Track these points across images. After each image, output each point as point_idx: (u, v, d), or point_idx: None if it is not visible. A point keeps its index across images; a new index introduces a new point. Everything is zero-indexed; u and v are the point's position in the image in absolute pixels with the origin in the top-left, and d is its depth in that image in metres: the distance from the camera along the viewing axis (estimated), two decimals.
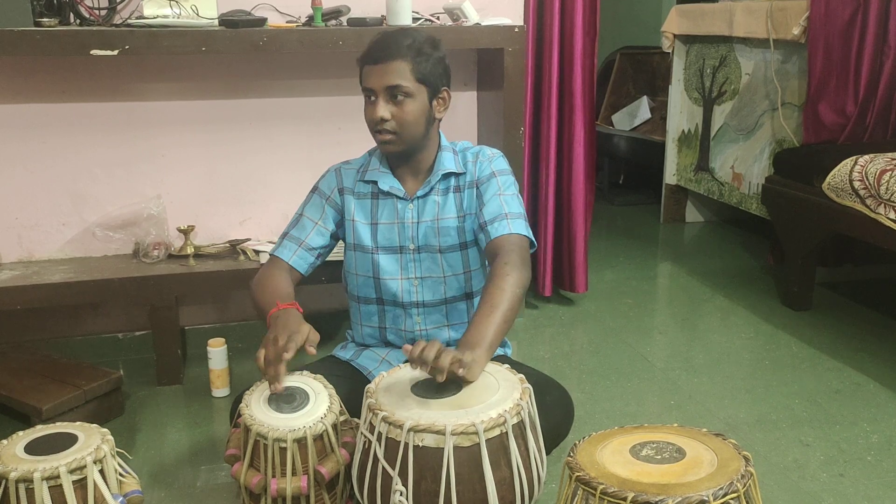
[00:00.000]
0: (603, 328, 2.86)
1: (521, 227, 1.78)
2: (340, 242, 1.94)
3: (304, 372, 1.66)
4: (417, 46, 1.73)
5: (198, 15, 2.27)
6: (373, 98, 1.73)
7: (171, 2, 2.24)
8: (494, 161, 1.87)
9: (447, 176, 1.85)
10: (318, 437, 1.51)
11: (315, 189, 1.93)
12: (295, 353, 1.54)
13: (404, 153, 1.80)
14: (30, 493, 1.40)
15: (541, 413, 1.50)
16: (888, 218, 2.42)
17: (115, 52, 2.11)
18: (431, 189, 1.85)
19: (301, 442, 1.48)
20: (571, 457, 1.30)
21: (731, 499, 1.17)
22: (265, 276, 1.84)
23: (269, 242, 2.51)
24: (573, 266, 2.96)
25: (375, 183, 1.86)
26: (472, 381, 1.48)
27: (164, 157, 2.50)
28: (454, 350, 1.47)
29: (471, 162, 1.86)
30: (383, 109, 1.71)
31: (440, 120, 1.85)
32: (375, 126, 1.74)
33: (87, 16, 2.26)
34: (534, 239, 1.83)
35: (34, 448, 1.48)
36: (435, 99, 1.78)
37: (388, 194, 1.85)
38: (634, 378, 2.46)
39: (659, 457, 1.28)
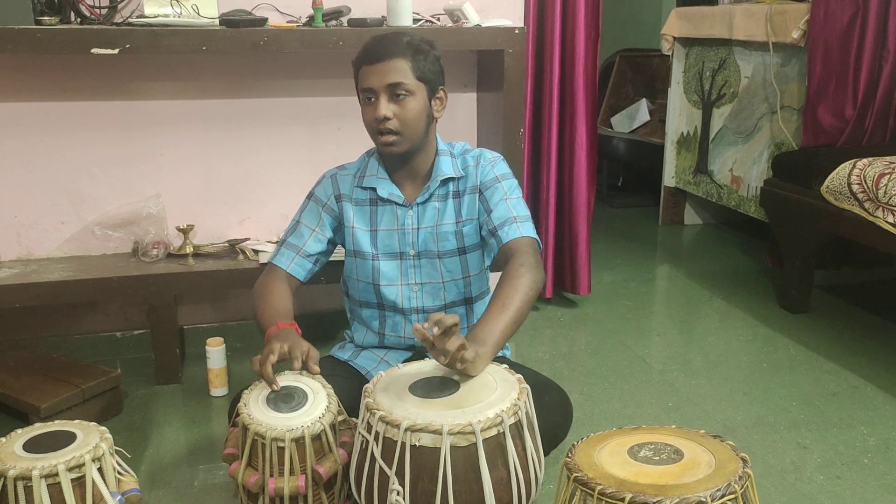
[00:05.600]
0: (601, 330, 2.86)
1: (531, 230, 1.79)
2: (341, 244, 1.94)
3: (303, 372, 1.66)
4: (416, 45, 1.73)
5: (198, 14, 2.27)
6: (372, 98, 1.72)
7: (172, 1, 2.24)
8: (497, 165, 1.86)
9: (446, 181, 1.84)
10: (316, 437, 1.51)
11: (311, 196, 1.91)
12: (299, 366, 1.58)
13: (405, 155, 1.79)
14: (28, 490, 1.40)
15: (539, 414, 1.50)
16: (886, 221, 2.42)
17: (116, 51, 2.11)
18: (431, 195, 1.84)
19: (299, 441, 1.48)
20: (569, 457, 1.30)
21: (729, 500, 1.17)
22: (265, 287, 1.83)
23: (269, 242, 2.51)
24: (575, 268, 2.96)
25: (374, 189, 1.85)
26: (474, 376, 1.49)
27: (164, 156, 2.50)
28: (464, 339, 1.46)
29: (471, 166, 1.85)
30: (385, 108, 1.70)
31: (437, 121, 1.84)
32: (377, 126, 1.72)
33: (88, 14, 2.26)
34: (540, 241, 1.83)
35: (33, 446, 1.48)
36: (433, 98, 1.78)
37: (387, 201, 1.85)
38: (633, 380, 2.46)
39: (657, 458, 1.28)
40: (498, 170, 1.85)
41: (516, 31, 2.41)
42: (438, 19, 2.54)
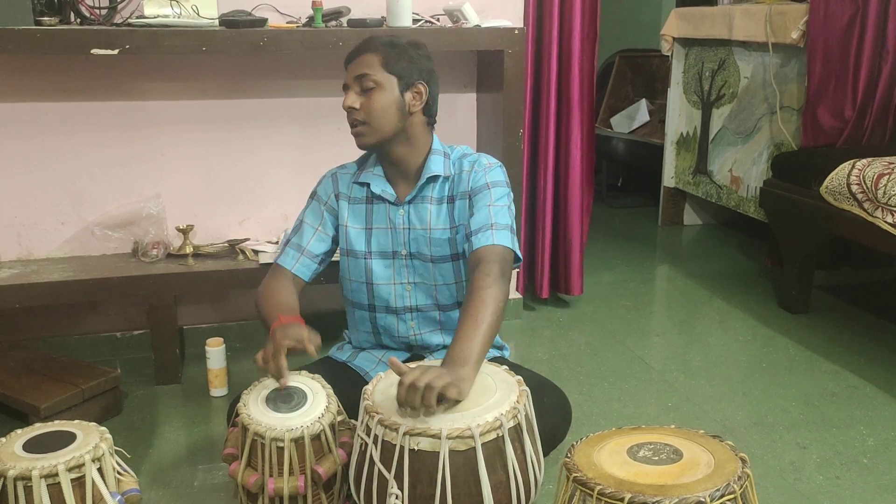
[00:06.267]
0: (601, 330, 2.86)
1: (505, 239, 1.73)
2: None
3: (303, 372, 1.67)
4: (392, 41, 1.77)
5: (198, 15, 2.27)
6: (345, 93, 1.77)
7: (172, 1, 2.24)
8: (491, 172, 1.83)
9: (435, 180, 1.83)
10: (316, 437, 1.51)
11: (314, 195, 1.93)
12: (293, 344, 1.56)
13: (381, 148, 1.80)
14: (28, 491, 1.40)
15: (538, 415, 1.50)
16: (885, 221, 2.42)
17: (116, 52, 2.11)
18: (422, 195, 1.83)
19: (298, 442, 1.48)
20: (569, 458, 1.30)
21: (728, 500, 1.18)
22: (269, 287, 1.83)
23: (268, 242, 2.51)
24: (568, 269, 2.96)
25: (369, 186, 1.86)
26: (462, 399, 1.44)
27: (164, 156, 2.50)
28: (439, 375, 1.41)
29: (466, 171, 1.83)
30: (351, 99, 1.75)
31: (433, 121, 1.83)
32: (348, 118, 1.77)
33: (88, 15, 2.26)
34: (519, 253, 1.77)
35: (32, 446, 1.48)
36: (408, 91, 1.76)
37: (379, 198, 1.85)
38: (632, 380, 2.47)
39: (656, 458, 1.28)
40: (491, 176, 1.82)
41: (516, 32, 2.41)
42: (438, 20, 2.54)
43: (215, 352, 2.32)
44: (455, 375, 1.43)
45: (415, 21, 2.41)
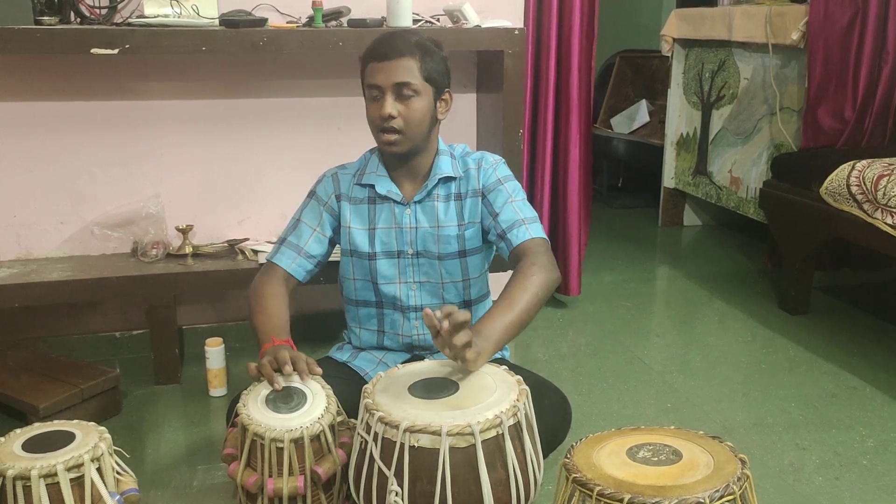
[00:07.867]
0: (600, 330, 2.86)
1: (540, 231, 1.79)
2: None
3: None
4: (424, 45, 1.74)
5: (198, 14, 2.27)
6: (378, 95, 1.72)
7: (172, 1, 2.24)
8: (498, 168, 1.86)
9: (445, 181, 1.84)
10: (315, 438, 1.51)
11: (312, 194, 1.91)
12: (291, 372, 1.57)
13: (406, 155, 1.79)
14: (27, 490, 1.40)
15: (538, 415, 1.50)
16: (885, 223, 2.42)
17: (116, 51, 2.11)
18: (430, 194, 1.84)
19: (298, 442, 1.48)
20: (568, 458, 1.30)
21: (727, 501, 1.18)
22: (262, 289, 1.81)
23: (268, 242, 2.51)
24: (567, 269, 2.96)
25: (373, 187, 1.85)
26: (472, 371, 1.49)
27: (164, 156, 2.50)
28: (472, 334, 1.47)
29: (473, 168, 1.85)
30: (391, 106, 1.70)
31: (440, 123, 1.85)
32: (381, 124, 1.72)
33: (88, 14, 2.26)
34: (549, 242, 1.83)
35: (31, 446, 1.48)
36: (439, 100, 1.78)
37: (385, 198, 1.85)
38: (632, 380, 2.47)
39: (656, 459, 1.28)
40: (500, 172, 1.85)
41: (516, 32, 2.41)
42: (438, 20, 2.54)
43: (214, 352, 2.32)
44: (471, 354, 1.47)
45: (415, 21, 2.41)
